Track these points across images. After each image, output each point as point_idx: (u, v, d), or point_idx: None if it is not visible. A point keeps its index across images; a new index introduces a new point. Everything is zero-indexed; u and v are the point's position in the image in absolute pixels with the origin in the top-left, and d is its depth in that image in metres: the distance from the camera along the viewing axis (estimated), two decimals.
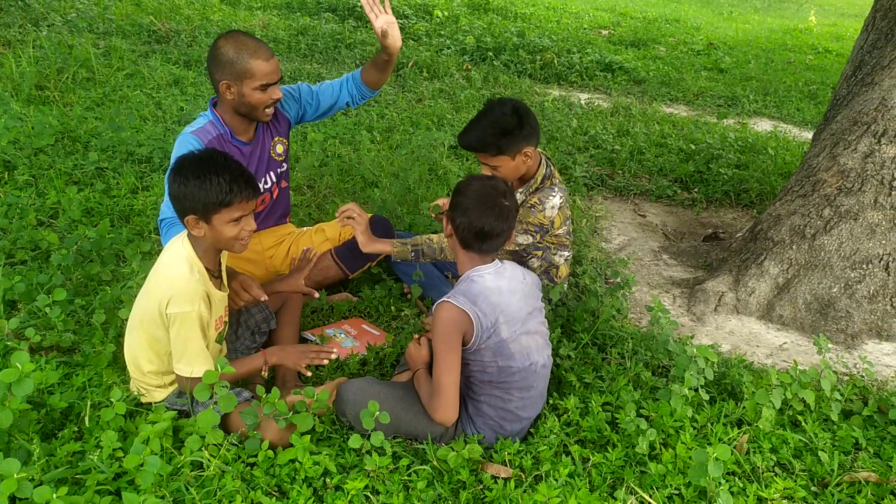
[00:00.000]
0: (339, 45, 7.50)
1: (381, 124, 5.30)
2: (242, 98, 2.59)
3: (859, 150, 3.16)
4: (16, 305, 2.75)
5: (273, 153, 2.91)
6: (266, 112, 2.67)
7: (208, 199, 2.02)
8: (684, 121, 6.17)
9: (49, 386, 2.26)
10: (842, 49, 10.42)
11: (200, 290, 2.09)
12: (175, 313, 2.05)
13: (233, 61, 2.54)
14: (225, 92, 2.60)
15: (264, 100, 2.61)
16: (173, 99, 5.18)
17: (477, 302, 2.13)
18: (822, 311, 3.17)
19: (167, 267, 2.14)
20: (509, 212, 2.23)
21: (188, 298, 2.05)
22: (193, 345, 2.09)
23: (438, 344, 2.12)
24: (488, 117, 2.64)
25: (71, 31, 6.65)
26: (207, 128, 2.67)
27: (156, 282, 2.14)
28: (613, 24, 10.97)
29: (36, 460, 1.90)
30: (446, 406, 2.12)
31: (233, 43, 2.55)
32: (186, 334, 2.08)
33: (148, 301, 2.13)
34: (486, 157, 2.67)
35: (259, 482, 1.98)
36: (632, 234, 4.18)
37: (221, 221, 2.07)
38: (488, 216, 2.17)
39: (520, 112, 2.65)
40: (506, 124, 2.62)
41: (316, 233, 3.14)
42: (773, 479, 2.17)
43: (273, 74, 2.59)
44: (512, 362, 2.17)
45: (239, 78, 2.56)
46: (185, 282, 2.07)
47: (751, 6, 16.60)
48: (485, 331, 2.12)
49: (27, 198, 3.48)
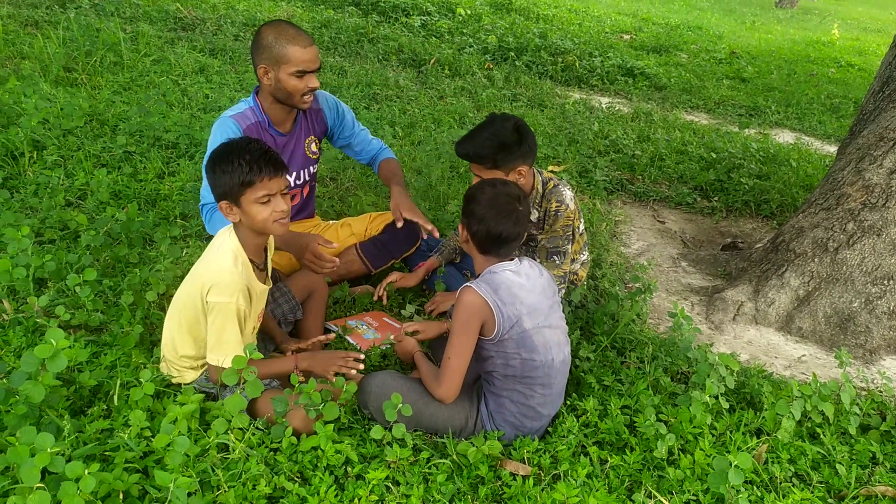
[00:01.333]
0: (362, 40, 7.53)
1: (403, 120, 5.33)
2: (279, 83, 2.63)
3: (885, 166, 3.16)
4: (45, 283, 2.79)
5: (308, 150, 2.95)
6: (304, 99, 2.69)
7: (233, 181, 2.06)
8: (705, 129, 6.17)
9: (78, 364, 2.29)
10: (865, 64, 10.38)
11: (241, 283, 2.12)
12: (214, 302, 2.08)
13: (271, 45, 2.58)
14: (263, 76, 2.64)
15: (300, 87, 2.64)
16: (199, 87, 5.22)
17: (498, 291, 2.17)
18: (842, 325, 3.17)
19: (213, 256, 2.17)
20: (524, 216, 2.28)
21: (228, 290, 2.09)
22: (228, 336, 2.12)
23: (456, 325, 2.18)
24: (489, 129, 2.63)
25: (98, 14, 6.71)
26: (247, 113, 2.71)
27: (202, 268, 2.18)
28: (635, 29, 10.96)
29: (66, 436, 1.93)
30: (449, 385, 2.19)
31: (274, 29, 2.59)
32: (222, 324, 2.11)
33: (192, 286, 2.16)
34: (481, 168, 2.66)
35: (282, 467, 2.00)
36: (651, 239, 4.19)
37: (249, 202, 2.08)
38: (505, 222, 2.21)
39: (521, 130, 2.64)
40: (506, 139, 2.60)
41: (342, 227, 3.17)
42: (790, 490, 2.18)
43: (310, 63, 2.62)
44: (535, 355, 2.20)
45: (276, 63, 2.59)
46: (228, 273, 2.10)
47: (774, 17, 16.54)
48: (506, 320, 2.15)
49: (56, 178, 3.52)
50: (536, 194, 2.83)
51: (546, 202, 2.81)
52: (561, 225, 2.79)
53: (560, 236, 2.80)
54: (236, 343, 2.13)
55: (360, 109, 5.46)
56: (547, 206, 2.81)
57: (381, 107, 5.62)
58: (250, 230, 2.17)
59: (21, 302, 2.63)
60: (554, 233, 2.80)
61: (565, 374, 2.36)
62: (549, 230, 2.82)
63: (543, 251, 2.83)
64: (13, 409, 1.92)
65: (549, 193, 2.81)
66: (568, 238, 2.82)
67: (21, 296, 2.67)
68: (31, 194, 3.38)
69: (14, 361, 2.27)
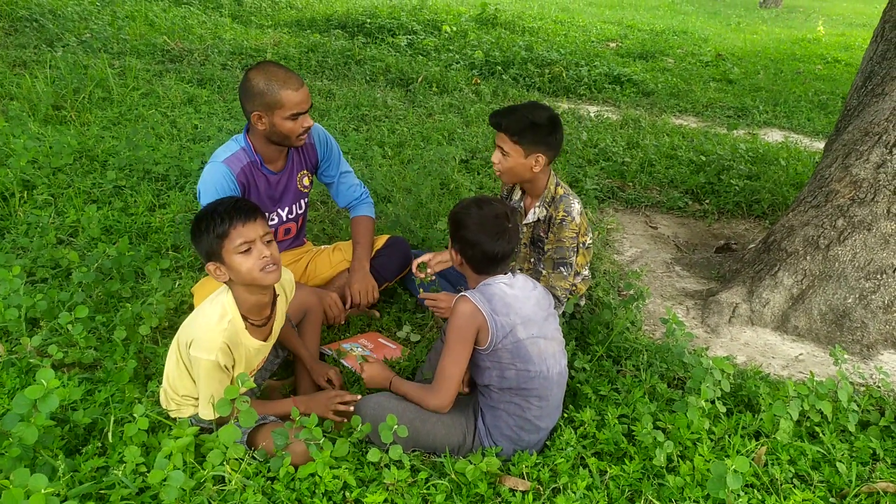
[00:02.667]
0: (350, 62, 7.58)
1: (392, 139, 5.35)
2: (274, 127, 2.64)
3: (871, 161, 3.17)
4: (38, 323, 2.79)
5: (300, 184, 2.98)
6: (299, 139, 2.72)
7: (210, 238, 2.04)
8: (694, 132, 6.19)
9: (72, 402, 2.29)
10: (851, 59, 10.43)
11: (221, 340, 2.08)
12: (194, 357, 2.07)
13: (263, 92, 2.58)
14: (257, 122, 2.65)
15: (295, 128, 2.66)
16: (188, 117, 5.25)
17: (492, 301, 2.20)
18: (838, 322, 3.17)
19: (202, 310, 2.16)
20: (515, 232, 2.30)
21: (206, 346, 2.06)
22: (209, 392, 2.10)
23: (451, 334, 2.20)
24: (528, 108, 2.70)
25: (86, 51, 6.76)
26: (239, 155, 2.72)
27: (190, 318, 2.17)
28: (621, 36, 11.02)
29: (61, 476, 1.93)
30: (444, 394, 2.21)
31: (263, 74, 2.59)
32: (205, 379, 2.10)
33: (180, 334, 2.16)
34: (505, 138, 2.69)
35: (280, 496, 2.00)
36: (644, 245, 4.20)
37: (230, 254, 2.05)
38: (499, 242, 2.24)
39: (555, 121, 2.71)
40: (539, 120, 2.67)
41: (334, 252, 3.19)
42: (791, 491, 2.17)
43: (303, 104, 2.63)
44: (530, 366, 2.20)
45: (270, 108, 2.60)
46: (207, 329, 2.09)
47: (758, 17, 16.63)
48: (500, 329, 2.17)
49: (47, 217, 3.53)
50: (548, 193, 2.85)
51: (554, 208, 2.83)
52: (567, 236, 2.79)
53: (567, 247, 2.80)
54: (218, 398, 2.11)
55: (349, 131, 5.49)
56: (554, 213, 2.82)
57: (370, 127, 5.64)
58: (243, 287, 2.14)
59: (14, 343, 2.64)
60: (560, 242, 2.80)
61: (562, 386, 2.36)
62: (554, 238, 2.83)
63: (550, 262, 2.84)
64: (7, 451, 1.92)
65: (559, 200, 2.82)
66: (574, 250, 2.82)
67: (14, 336, 2.67)
68: (21, 234, 3.39)
69: (7, 403, 2.27)
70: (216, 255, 2.06)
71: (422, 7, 10.63)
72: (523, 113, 2.67)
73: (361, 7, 10.30)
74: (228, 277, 2.10)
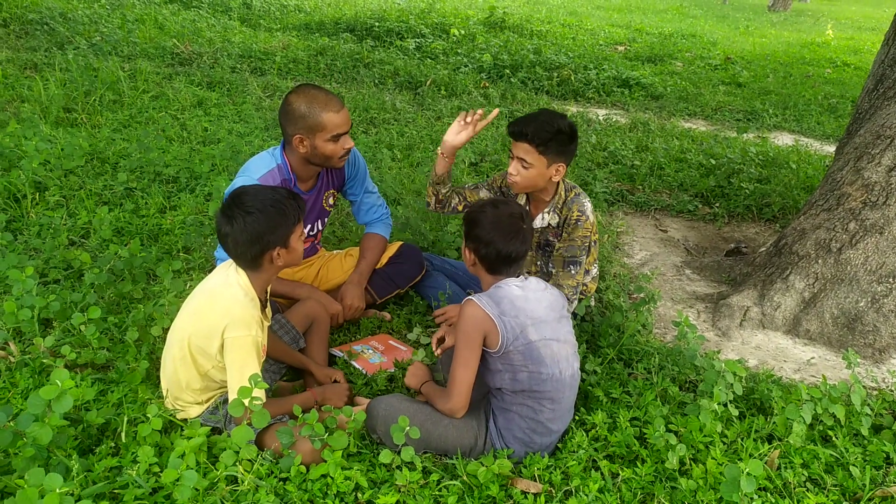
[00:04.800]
0: (358, 65, 7.59)
1: (401, 142, 5.36)
2: (315, 150, 2.66)
3: (883, 164, 3.16)
4: (51, 323, 2.80)
5: (325, 203, 3.02)
6: (340, 161, 2.75)
7: (288, 220, 2.14)
8: (703, 135, 6.18)
9: (85, 402, 2.30)
10: (860, 62, 10.40)
11: (257, 315, 2.15)
12: (234, 337, 2.09)
13: (305, 115, 2.60)
14: (298, 145, 2.67)
15: (337, 150, 2.68)
16: (198, 120, 5.27)
17: (501, 304, 2.18)
18: (850, 326, 3.15)
19: (223, 293, 2.17)
20: (529, 233, 2.30)
21: (245, 323, 2.11)
22: (249, 370, 2.10)
23: (459, 338, 2.19)
24: (548, 115, 2.66)
25: (96, 54, 6.79)
26: (274, 173, 2.72)
27: (210, 306, 2.17)
28: (629, 40, 11.02)
29: (75, 476, 1.93)
30: (457, 398, 2.20)
31: (304, 97, 2.61)
32: (243, 360, 2.11)
33: (198, 323, 2.17)
34: (530, 149, 2.64)
35: (292, 497, 2.00)
36: (653, 249, 4.19)
37: (296, 239, 2.19)
38: (513, 242, 2.24)
39: (574, 130, 2.70)
40: (564, 128, 2.65)
41: (346, 257, 3.20)
42: (804, 495, 2.16)
43: (344, 125, 2.65)
44: (543, 368, 2.19)
45: (312, 131, 2.62)
46: (243, 307, 2.13)
47: (767, 20, 16.60)
48: (510, 331, 2.16)
49: (59, 218, 3.55)
50: (559, 199, 2.84)
51: (567, 210, 2.82)
52: (580, 235, 2.79)
53: (578, 246, 2.80)
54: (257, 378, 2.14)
55: (358, 134, 5.51)
56: (567, 214, 2.81)
57: (379, 130, 5.65)
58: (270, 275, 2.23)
59: (27, 343, 2.65)
60: (572, 241, 2.80)
61: (575, 389, 2.35)
62: (566, 238, 2.82)
63: (560, 260, 2.83)
64: (21, 451, 1.92)
65: (571, 201, 2.81)
66: (585, 249, 2.82)
67: (27, 337, 2.68)
68: (34, 236, 3.41)
69: (22, 403, 2.28)
70: (283, 241, 2.14)
71: (430, 10, 10.65)
72: (545, 121, 2.63)
73: (370, 10, 10.33)
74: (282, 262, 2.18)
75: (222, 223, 2.11)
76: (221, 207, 2.14)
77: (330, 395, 2.42)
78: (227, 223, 2.10)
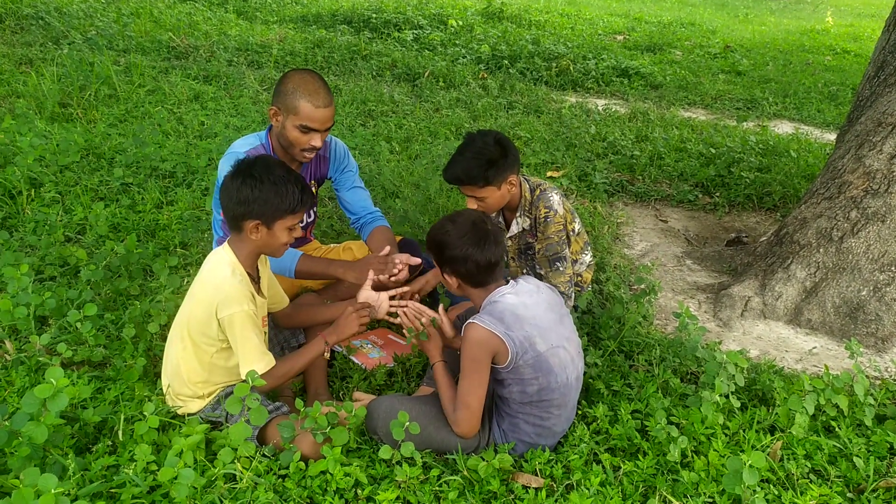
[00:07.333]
0: (356, 57, 7.54)
1: (399, 135, 5.32)
2: (283, 130, 2.62)
3: (885, 152, 3.13)
4: (46, 321, 2.78)
5: None
6: (302, 154, 2.66)
7: (282, 205, 2.11)
8: (703, 125, 6.14)
9: (82, 400, 2.28)
10: (860, 49, 10.35)
11: (246, 290, 2.16)
12: (227, 315, 2.11)
13: (288, 93, 2.57)
14: (273, 117, 2.64)
15: (301, 141, 2.61)
16: (194, 114, 5.23)
17: (504, 319, 2.13)
18: (852, 315, 3.13)
19: (211, 273, 2.20)
20: (498, 233, 2.26)
21: (235, 299, 2.12)
22: (251, 344, 2.15)
23: (465, 363, 2.13)
24: (472, 149, 2.63)
25: (91, 48, 6.74)
26: (259, 150, 2.69)
27: (202, 288, 2.20)
28: (628, 29, 10.95)
29: (71, 475, 1.92)
30: (465, 424, 2.15)
31: (298, 78, 2.58)
32: (242, 334, 2.13)
33: (195, 308, 2.18)
34: (474, 189, 2.64)
35: (291, 494, 1.98)
36: (654, 239, 4.16)
37: (282, 227, 2.16)
38: (488, 247, 2.19)
39: (502, 142, 2.65)
40: (491, 155, 2.61)
41: (344, 251, 3.16)
42: (808, 486, 2.14)
43: (317, 122, 2.58)
44: (552, 378, 2.16)
45: (286, 110, 2.59)
46: (230, 284, 2.13)
47: (766, 8, 16.52)
48: (519, 346, 2.11)
49: (55, 214, 3.52)
50: (525, 202, 2.82)
51: (535, 209, 2.80)
52: (553, 231, 2.77)
53: (556, 242, 2.78)
54: (260, 352, 2.17)
55: (356, 127, 5.47)
56: (536, 213, 2.80)
57: (377, 123, 5.62)
58: (252, 249, 2.20)
59: (23, 341, 2.63)
60: (548, 240, 2.78)
61: (578, 388, 2.32)
62: (542, 237, 2.80)
63: (545, 260, 2.81)
64: (17, 450, 1.91)
65: (538, 199, 2.80)
66: (564, 242, 2.80)
67: (23, 335, 2.67)
68: (29, 232, 3.38)
69: (17, 402, 2.26)
70: (267, 218, 2.12)
71: (428, 1, 10.58)
72: (471, 157, 2.60)
73: (367, 2, 10.26)
74: (257, 239, 2.16)
75: (229, 175, 2.16)
76: (237, 162, 2.18)
77: (342, 327, 2.38)
78: (232, 177, 2.15)
